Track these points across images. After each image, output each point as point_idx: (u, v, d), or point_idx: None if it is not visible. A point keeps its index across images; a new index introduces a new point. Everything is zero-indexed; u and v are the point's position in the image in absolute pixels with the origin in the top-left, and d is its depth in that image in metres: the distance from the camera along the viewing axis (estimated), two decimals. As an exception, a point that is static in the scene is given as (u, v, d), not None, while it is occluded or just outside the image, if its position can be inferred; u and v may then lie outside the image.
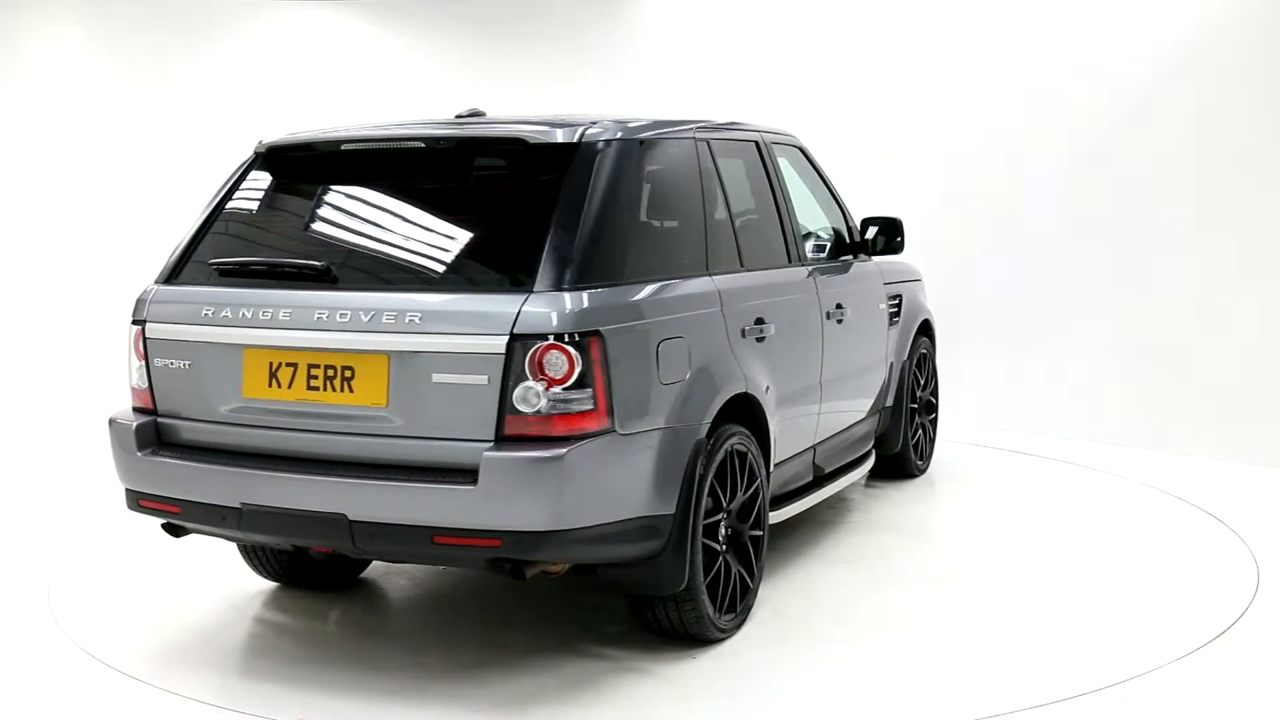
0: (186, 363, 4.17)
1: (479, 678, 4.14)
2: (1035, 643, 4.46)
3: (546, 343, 3.68)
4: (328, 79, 11.12)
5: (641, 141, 4.31)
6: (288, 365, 3.97)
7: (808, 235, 5.80)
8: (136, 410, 4.32)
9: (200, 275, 4.28)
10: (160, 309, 4.25)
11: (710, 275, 4.51)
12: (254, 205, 4.46)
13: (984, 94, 8.42)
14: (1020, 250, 8.14)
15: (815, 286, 5.30)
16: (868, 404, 6.04)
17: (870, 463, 6.10)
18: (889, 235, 5.98)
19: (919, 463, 6.87)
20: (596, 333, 3.73)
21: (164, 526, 4.37)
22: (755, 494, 4.55)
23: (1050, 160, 8.04)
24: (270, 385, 4.00)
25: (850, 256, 5.89)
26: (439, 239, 4.12)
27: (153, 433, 4.22)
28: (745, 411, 4.55)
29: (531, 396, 3.69)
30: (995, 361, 8.33)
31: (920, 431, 6.87)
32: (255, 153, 4.52)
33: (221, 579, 5.29)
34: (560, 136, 4.09)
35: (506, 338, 3.68)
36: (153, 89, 10.83)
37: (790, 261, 5.22)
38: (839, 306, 5.49)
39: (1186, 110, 7.36)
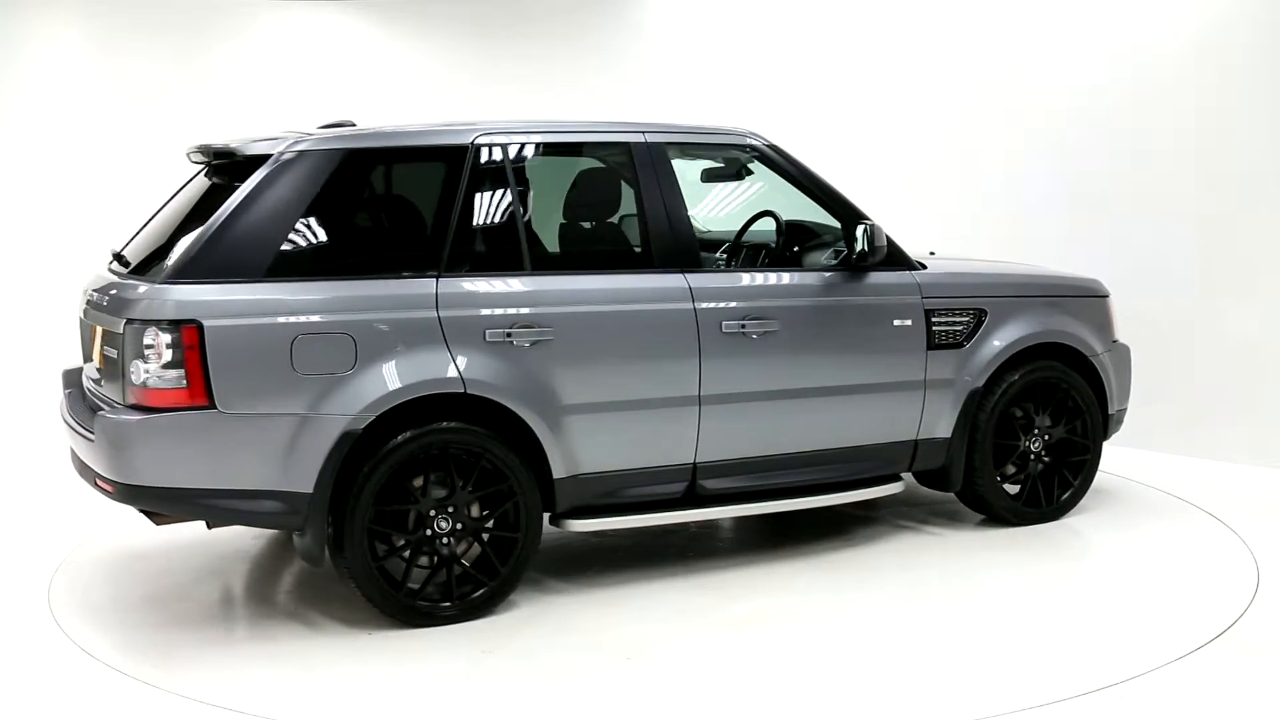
0: (79, 328, 5.15)
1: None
2: (1035, 643, 4.47)
3: (148, 327, 4.29)
4: (328, 79, 11.11)
5: (347, 152, 4.68)
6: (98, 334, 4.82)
7: (817, 242, 5.54)
8: None
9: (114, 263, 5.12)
10: (86, 289, 5.07)
11: (439, 277, 4.68)
12: (166, 203, 5.23)
13: (985, 94, 8.42)
14: (1020, 250, 8.12)
15: (691, 295, 5.04)
16: (856, 429, 5.45)
17: (859, 494, 5.49)
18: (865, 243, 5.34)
19: (1021, 508, 5.83)
20: (194, 322, 4.29)
21: None
22: (506, 496, 4.73)
23: (1050, 160, 8.03)
24: (97, 349, 4.83)
25: (849, 267, 5.39)
26: (173, 237, 4.72)
27: (77, 378, 5.28)
28: (500, 416, 4.70)
29: (137, 371, 4.32)
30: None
31: (1039, 474, 5.85)
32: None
33: (223, 577, 5.30)
34: (252, 149, 4.67)
35: (124, 321, 4.35)
36: (153, 89, 10.81)
37: (654, 265, 5.04)
38: (752, 319, 5.12)
39: (1187, 111, 7.35)
